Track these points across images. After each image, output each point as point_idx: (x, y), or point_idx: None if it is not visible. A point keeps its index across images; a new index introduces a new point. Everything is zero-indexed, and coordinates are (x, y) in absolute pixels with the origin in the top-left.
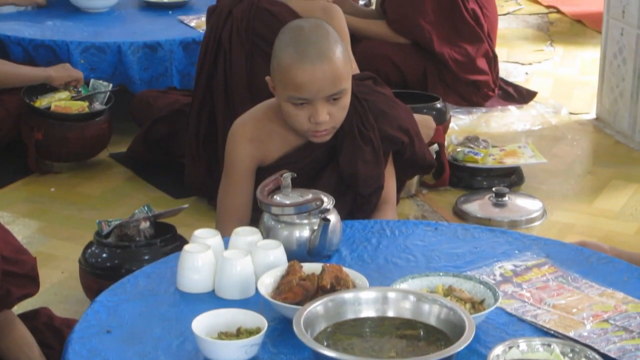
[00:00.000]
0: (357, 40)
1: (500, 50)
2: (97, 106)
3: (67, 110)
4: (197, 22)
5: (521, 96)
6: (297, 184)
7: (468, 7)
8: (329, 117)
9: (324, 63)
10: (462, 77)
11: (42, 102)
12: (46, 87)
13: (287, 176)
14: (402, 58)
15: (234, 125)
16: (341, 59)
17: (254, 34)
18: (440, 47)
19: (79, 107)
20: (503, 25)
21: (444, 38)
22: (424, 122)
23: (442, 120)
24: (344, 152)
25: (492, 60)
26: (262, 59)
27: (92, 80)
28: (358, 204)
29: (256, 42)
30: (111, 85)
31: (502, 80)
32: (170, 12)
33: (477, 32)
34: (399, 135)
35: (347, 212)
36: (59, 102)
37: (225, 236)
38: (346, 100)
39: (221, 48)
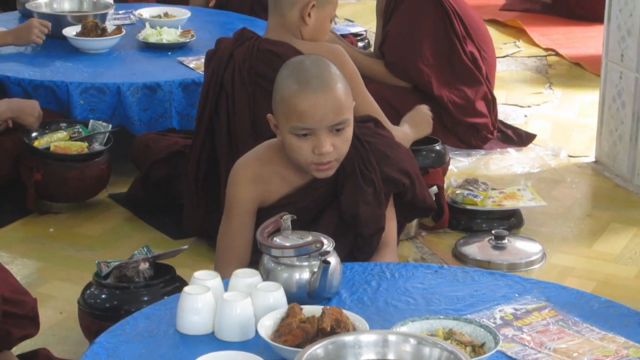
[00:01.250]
0: None
1: (499, 93)
2: (97, 147)
3: (66, 150)
4: (197, 64)
5: (520, 139)
6: (297, 224)
7: (466, 50)
8: (333, 149)
9: (327, 92)
10: (461, 119)
11: (41, 142)
12: (45, 127)
13: (287, 218)
14: (401, 101)
15: (235, 165)
16: (343, 90)
17: (256, 75)
18: (439, 90)
19: (78, 147)
20: (502, 68)
21: (442, 81)
22: (422, 118)
23: (441, 163)
24: (346, 193)
25: (491, 102)
26: (265, 100)
27: (91, 121)
28: (358, 245)
29: (259, 83)
30: (110, 126)
31: (501, 122)
32: (169, 53)
33: (476, 75)
34: (400, 177)
35: (347, 253)
36: (58, 142)
37: (224, 277)
38: (349, 132)
39: (223, 91)
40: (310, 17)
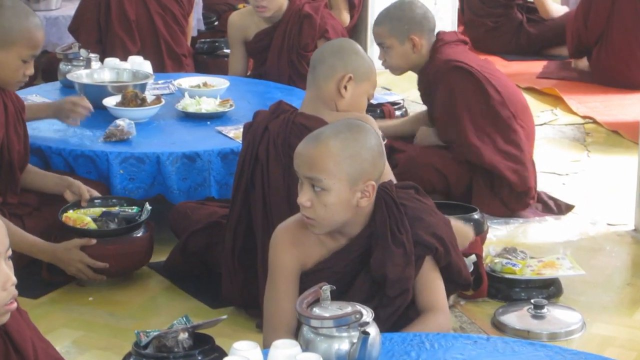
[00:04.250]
0: (399, 150)
1: (537, 160)
2: (111, 225)
3: (75, 223)
4: (235, 133)
5: (560, 209)
6: (333, 289)
7: (504, 116)
8: (311, 206)
9: (311, 144)
10: (515, 185)
11: (72, 216)
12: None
13: (326, 289)
14: (448, 167)
15: (276, 231)
16: (330, 153)
17: (290, 148)
18: (490, 159)
19: (85, 221)
20: (539, 136)
21: (493, 149)
22: (462, 232)
23: (479, 231)
24: (376, 254)
25: (533, 169)
26: None
27: (145, 205)
28: (383, 304)
29: (292, 156)
30: (141, 209)
31: (543, 193)
32: (208, 122)
33: (520, 139)
34: (432, 241)
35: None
36: (70, 213)
37: (274, 340)
38: (328, 199)
39: (258, 163)
40: (346, 90)
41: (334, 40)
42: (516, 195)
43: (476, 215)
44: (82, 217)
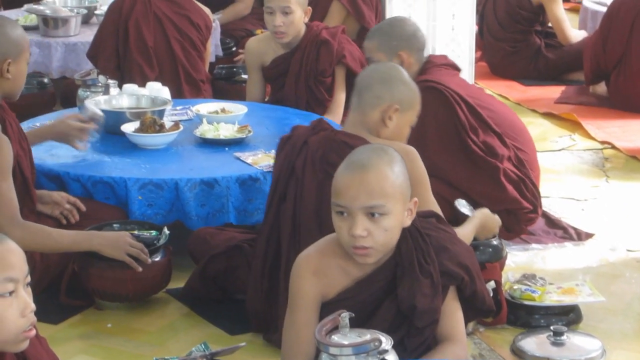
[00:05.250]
0: None
1: (555, 186)
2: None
3: None
4: (254, 159)
5: (579, 237)
6: (355, 317)
7: (476, 140)
8: (368, 235)
9: (364, 171)
10: (491, 208)
11: None
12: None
13: (345, 316)
14: (453, 194)
15: (298, 258)
16: (386, 176)
17: (328, 164)
18: (458, 182)
19: None
20: (557, 161)
21: (459, 173)
22: (492, 221)
23: (498, 258)
24: (403, 284)
25: (522, 185)
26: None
27: (164, 229)
28: (411, 334)
29: (329, 172)
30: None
31: (565, 223)
32: (226, 148)
33: (492, 163)
34: (458, 271)
35: (398, 342)
36: None
37: None
38: (389, 222)
39: (293, 176)
40: (391, 120)
41: (382, 66)
42: (514, 215)
43: (495, 241)
44: None
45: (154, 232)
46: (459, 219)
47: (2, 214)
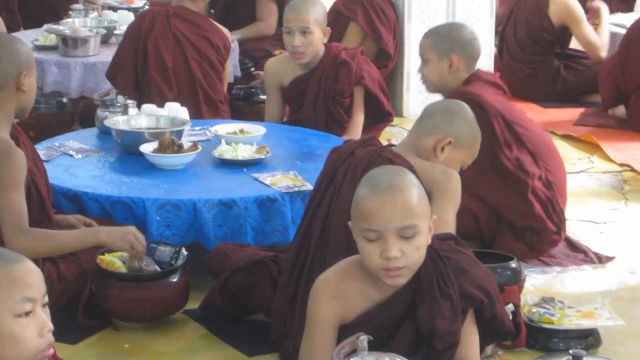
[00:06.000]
0: None
1: (574, 208)
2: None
3: (109, 266)
4: (272, 180)
5: (600, 260)
6: (374, 340)
7: (509, 156)
8: (402, 255)
9: (395, 193)
10: (515, 223)
11: (105, 259)
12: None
13: (363, 339)
14: (480, 209)
15: (317, 281)
16: (415, 196)
17: None
18: (487, 192)
19: (118, 265)
20: (576, 184)
21: (487, 184)
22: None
23: (517, 280)
24: (423, 307)
25: (549, 206)
26: None
27: (182, 250)
28: (430, 357)
29: None
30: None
31: (585, 247)
32: (245, 169)
33: (522, 179)
34: (478, 294)
35: None
36: (105, 256)
37: None
38: (420, 240)
39: (333, 182)
40: (442, 152)
41: (451, 102)
42: (538, 234)
43: (513, 264)
44: (114, 261)
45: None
46: None
47: (10, 223)
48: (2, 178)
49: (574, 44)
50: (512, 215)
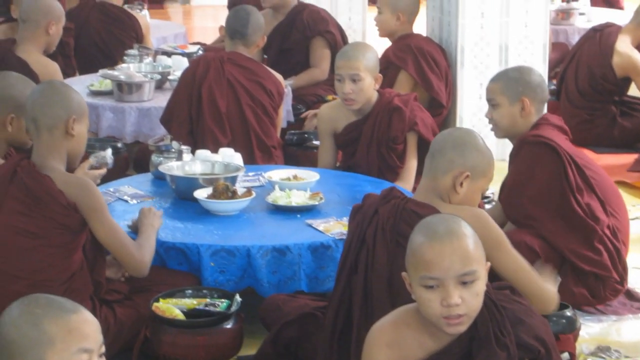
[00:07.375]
0: None
1: (631, 255)
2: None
3: (164, 313)
4: (325, 226)
5: None
6: None
7: (580, 201)
8: (462, 302)
9: (453, 240)
10: (581, 268)
11: (161, 307)
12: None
13: None
14: (542, 247)
15: (372, 329)
16: (472, 242)
17: (398, 234)
18: (554, 239)
19: (175, 313)
20: (632, 230)
21: (555, 230)
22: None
23: (572, 329)
24: (480, 357)
25: (615, 254)
26: (404, 259)
27: (236, 296)
28: None
29: (400, 242)
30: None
31: (636, 292)
32: (298, 215)
33: (591, 226)
34: (535, 344)
35: None
36: (162, 304)
37: None
38: (479, 286)
39: (364, 246)
40: (462, 186)
41: (457, 132)
42: (602, 282)
43: (568, 312)
44: (171, 309)
45: (225, 302)
46: None
47: (125, 240)
48: (94, 205)
49: (632, 91)
50: (578, 260)
